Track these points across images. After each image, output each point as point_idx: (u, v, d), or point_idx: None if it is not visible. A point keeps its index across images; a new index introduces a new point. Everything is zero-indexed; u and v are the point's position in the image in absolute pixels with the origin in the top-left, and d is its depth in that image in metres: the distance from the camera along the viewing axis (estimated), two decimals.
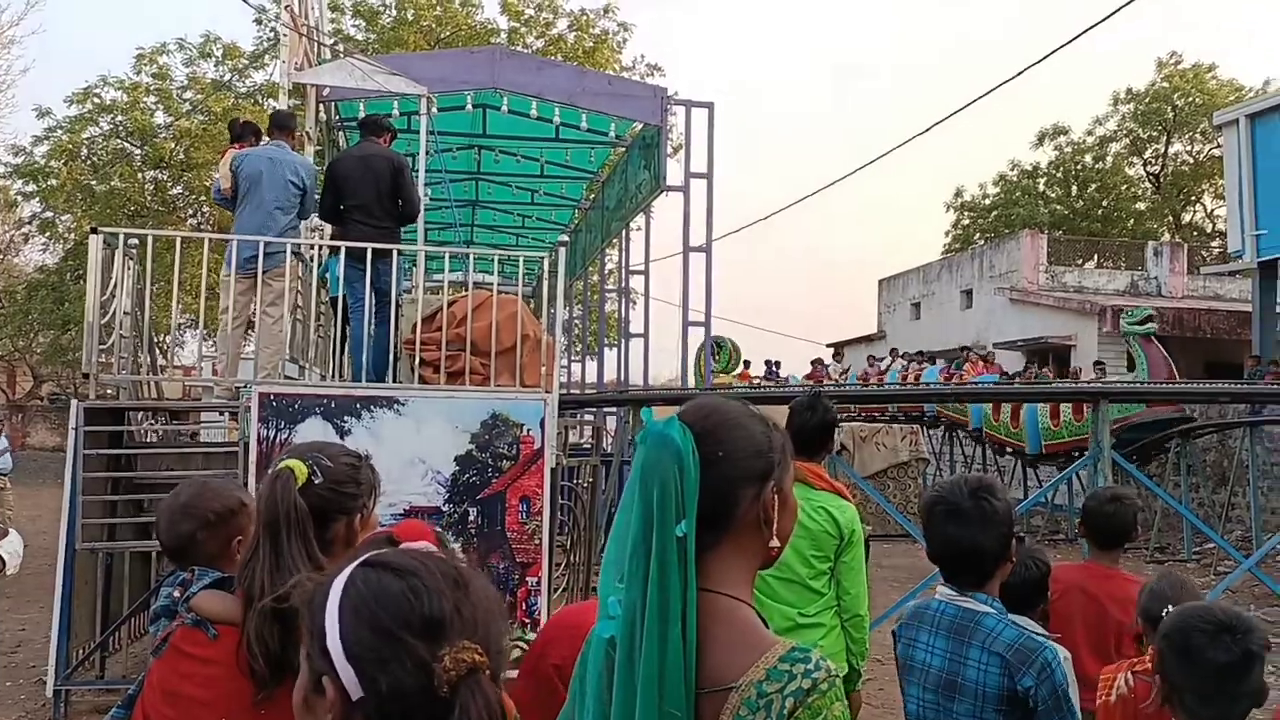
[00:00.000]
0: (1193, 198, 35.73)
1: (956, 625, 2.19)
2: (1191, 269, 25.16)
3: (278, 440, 5.91)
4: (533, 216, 14.85)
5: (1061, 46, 22.08)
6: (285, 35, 7.25)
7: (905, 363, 22.51)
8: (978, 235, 36.28)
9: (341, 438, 6.10)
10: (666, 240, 9.65)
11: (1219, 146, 23.21)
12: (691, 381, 22.40)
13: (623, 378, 12.14)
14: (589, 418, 13.99)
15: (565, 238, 6.93)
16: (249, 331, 7.13)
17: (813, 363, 24.65)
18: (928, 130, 18.94)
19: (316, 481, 1.85)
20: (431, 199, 11.14)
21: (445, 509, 6.27)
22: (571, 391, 16.49)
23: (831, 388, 10.27)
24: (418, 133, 7.81)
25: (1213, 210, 34.24)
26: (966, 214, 38.66)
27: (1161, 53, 42.77)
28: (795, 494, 3.59)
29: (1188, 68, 34.01)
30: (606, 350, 15.58)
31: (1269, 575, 11.61)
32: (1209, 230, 34.25)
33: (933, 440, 21.38)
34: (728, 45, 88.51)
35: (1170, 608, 2.51)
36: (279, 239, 6.18)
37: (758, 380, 21.28)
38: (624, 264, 12.79)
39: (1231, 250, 17.37)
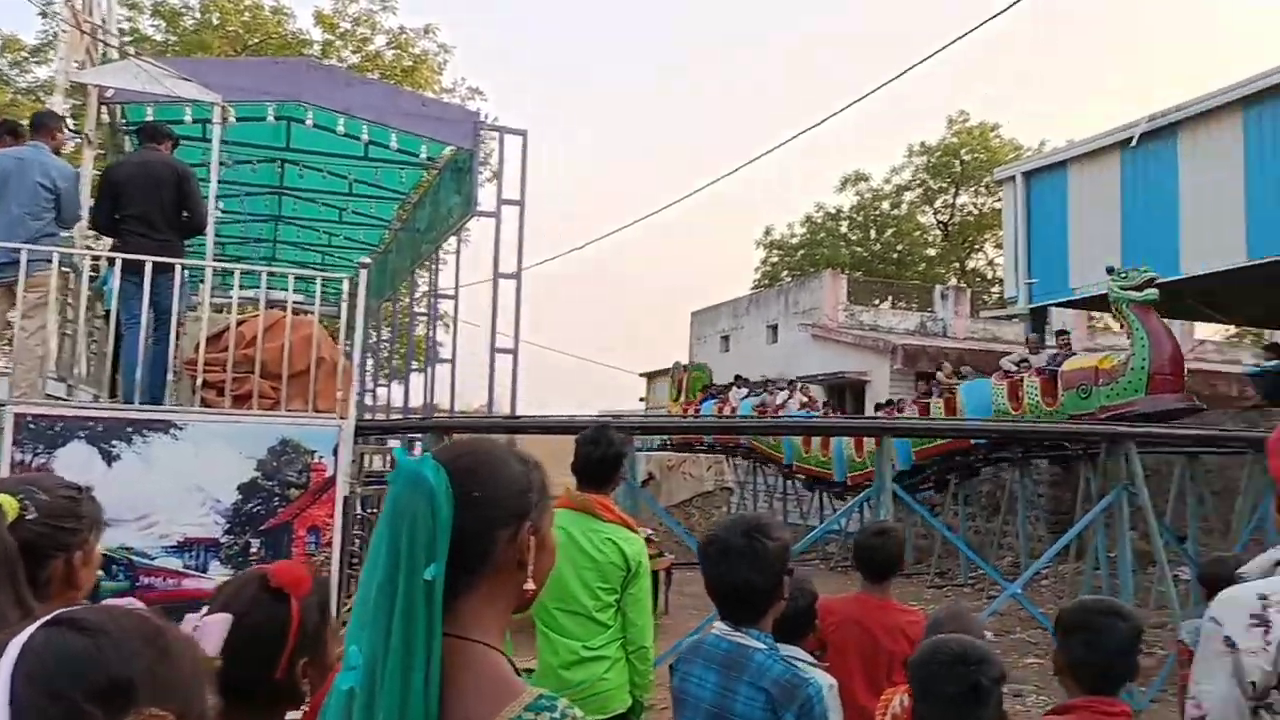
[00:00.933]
0: (976, 246, 38.51)
1: (728, 660, 2.21)
2: (974, 312, 27.04)
3: (34, 467, 5.42)
4: (340, 235, 14.36)
5: (859, 100, 23.36)
6: (65, 30, 6.73)
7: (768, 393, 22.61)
8: (785, 273, 37.81)
9: (109, 464, 5.67)
10: (484, 264, 9.57)
11: (999, 200, 25.14)
12: (668, 406, 22.68)
13: (429, 409, 11.85)
14: (394, 444, 13.61)
15: (368, 260, 6.72)
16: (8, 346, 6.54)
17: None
18: (735, 171, 19.61)
19: (29, 517, 1.68)
20: (223, 211, 10.64)
21: (224, 540, 5.91)
22: (374, 417, 16.01)
23: (633, 419, 10.30)
24: (211, 142, 7.41)
25: (993, 259, 36.98)
26: (775, 252, 40.26)
27: (952, 110, 46.03)
28: (581, 526, 3.56)
29: (974, 125, 36.74)
30: (414, 375, 15.21)
31: (1032, 599, 12.53)
32: (989, 277, 36.93)
33: (738, 470, 22.01)
34: (562, 72, 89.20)
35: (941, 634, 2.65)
36: (36, 246, 5.67)
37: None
38: (433, 288, 12.53)
39: (1008, 296, 18.75)
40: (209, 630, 1.53)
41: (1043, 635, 8.18)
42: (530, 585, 1.36)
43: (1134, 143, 15.12)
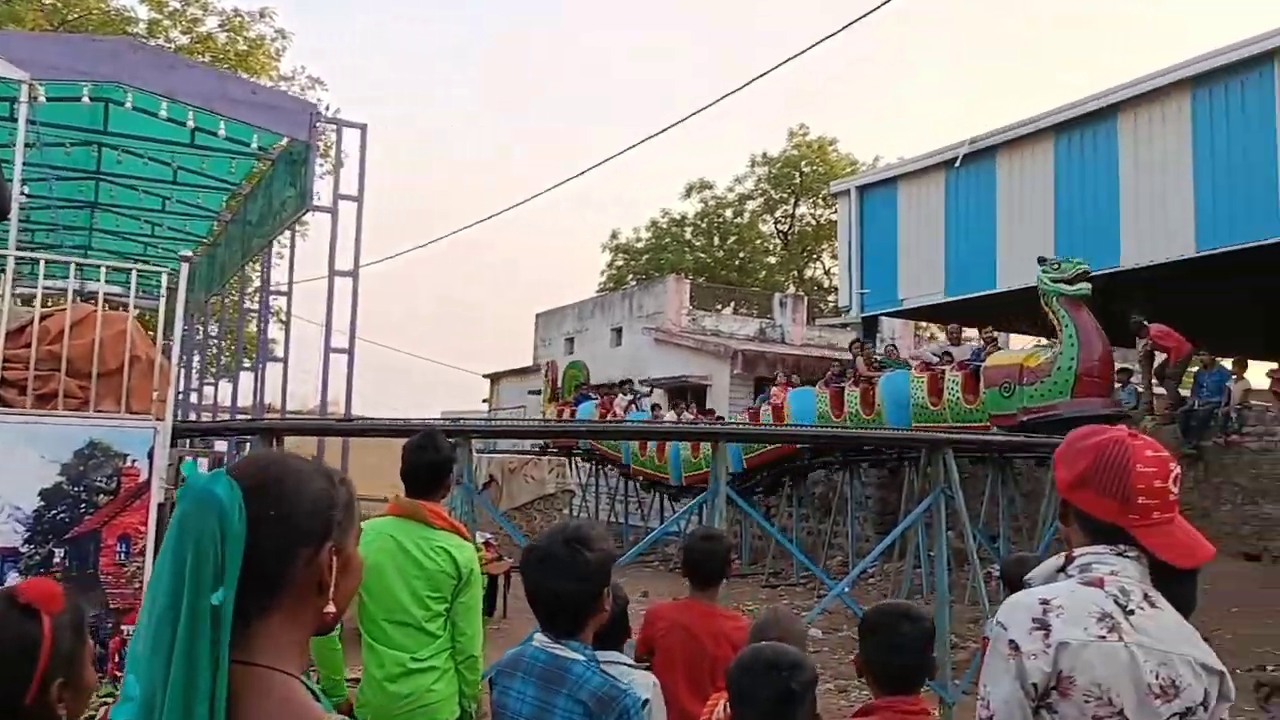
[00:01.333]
0: (814, 255, 39.87)
1: (547, 673, 2.20)
2: (810, 320, 27.99)
3: None
4: (164, 225, 13.63)
5: (701, 110, 23.84)
6: None
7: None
8: (631, 277, 38.16)
9: None
10: (323, 259, 9.20)
11: (836, 212, 26.12)
12: (545, 409, 21.12)
13: (259, 409, 11.37)
14: (221, 446, 12.99)
15: (189, 253, 6.38)
16: None
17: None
18: (582, 174, 19.67)
19: None
20: (29, 196, 9.91)
21: (25, 550, 5.52)
22: (200, 418, 15.26)
23: (471, 421, 10.11)
24: (17, 121, 6.89)
25: (830, 268, 38.36)
26: (622, 255, 40.57)
27: (793, 123, 47.49)
28: (411, 534, 3.47)
29: (814, 139, 38.04)
30: (245, 374, 14.56)
31: (859, 597, 13.05)
32: (826, 285, 38.30)
33: (581, 472, 22.08)
34: (416, 66, 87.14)
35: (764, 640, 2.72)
36: None
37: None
38: (265, 283, 12.03)
39: (841, 305, 19.50)
40: None
41: None
42: (331, 609, 1.30)
43: (957, 163, 15.98)
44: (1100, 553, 1.76)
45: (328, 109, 24.79)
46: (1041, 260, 11.34)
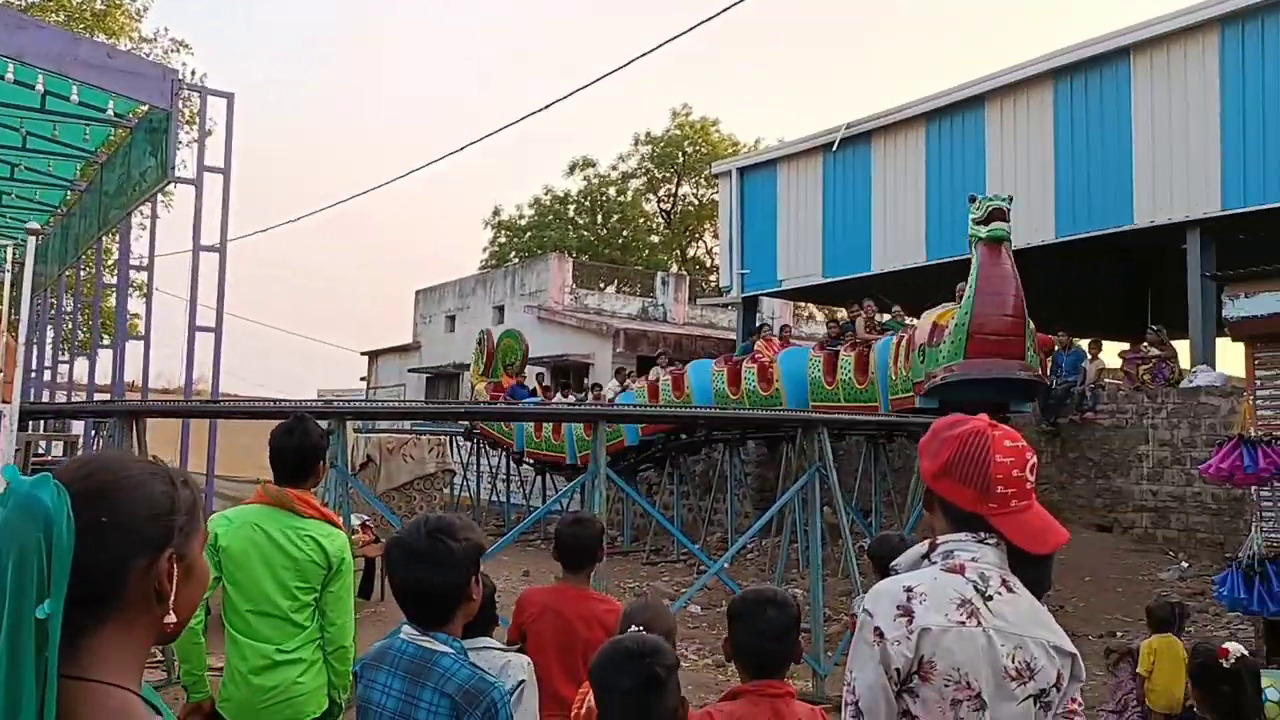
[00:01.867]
0: (697, 235, 40.22)
1: (414, 666, 2.15)
2: (692, 299, 28.25)
3: None
4: (12, 194, 12.82)
5: (583, 87, 23.71)
6: None
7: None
8: (513, 254, 37.78)
9: None
10: (185, 232, 8.73)
11: (717, 192, 26.40)
12: (475, 382, 19.62)
13: (119, 388, 10.81)
14: (77, 428, 12.33)
15: (36, 226, 6.00)
16: None
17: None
18: (462, 149, 19.35)
19: None
20: None
21: None
22: (56, 397, 14.49)
23: (353, 405, 9.77)
24: None
25: (712, 248, 38.77)
26: (504, 232, 40.12)
27: (676, 103, 47.71)
28: (278, 523, 3.35)
29: (696, 120, 38.29)
30: (103, 351, 13.85)
31: (738, 573, 13.30)
32: (708, 265, 38.72)
33: (462, 451, 21.80)
34: (290, 35, 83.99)
35: (632, 626, 2.73)
36: None
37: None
38: (124, 256, 11.42)
39: (723, 285, 19.74)
40: None
41: None
42: (171, 619, 1.23)
43: (835, 147, 16.32)
44: (962, 540, 1.81)
45: (193, 74, 23.81)
46: (971, 199, 10.07)
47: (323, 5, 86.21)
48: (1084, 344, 13.73)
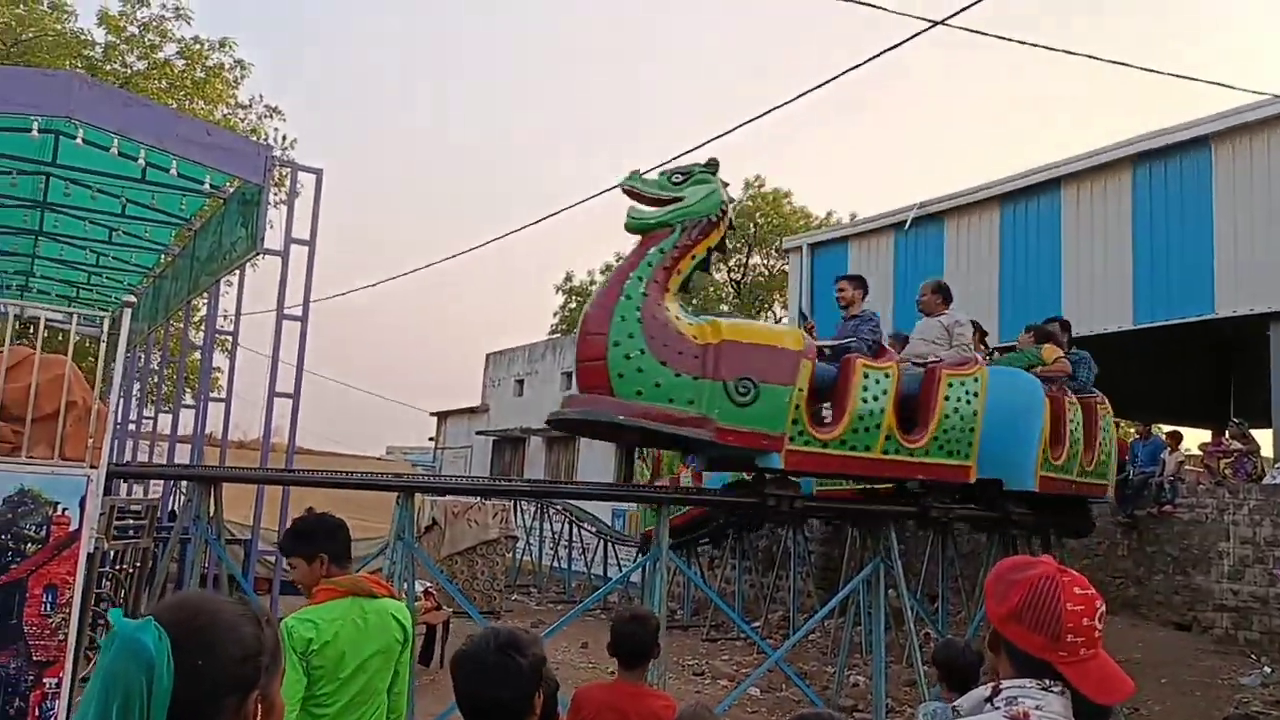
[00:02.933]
0: (766, 305, 40.26)
1: None
2: None
3: None
4: (110, 256, 13.41)
5: (661, 164, 24.09)
6: None
7: None
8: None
9: None
10: (268, 293, 9.15)
11: (787, 264, 26.47)
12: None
13: (198, 444, 11.14)
14: (157, 489, 12.70)
15: (132, 299, 6.28)
16: None
17: None
18: (537, 222, 19.75)
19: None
20: None
21: None
22: (138, 447, 14.95)
23: (420, 480, 9.73)
24: None
25: (781, 318, 38.75)
26: (575, 298, 40.62)
27: (749, 173, 48.10)
28: (359, 610, 3.38)
29: (769, 191, 38.58)
30: (184, 411, 14.29)
31: (800, 656, 13.06)
32: None
33: (525, 517, 21.91)
34: (371, 103, 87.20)
35: None
36: None
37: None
38: (211, 315, 11.82)
39: None
40: None
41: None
42: None
43: (907, 226, 16.32)
44: (1026, 686, 1.80)
45: (284, 140, 24.77)
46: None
47: (402, 73, 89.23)
48: (1163, 434, 13.39)
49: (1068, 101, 74.98)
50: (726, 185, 7.35)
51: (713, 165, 7.23)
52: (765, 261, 39.53)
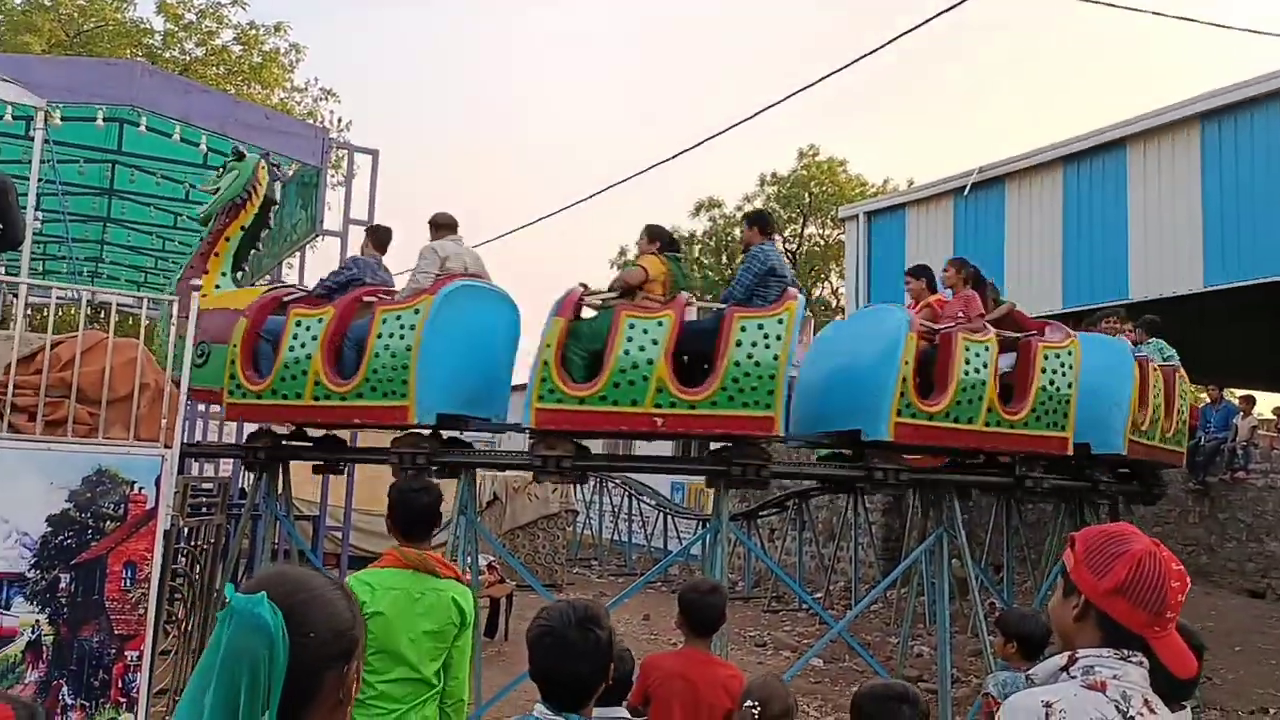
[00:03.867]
0: (822, 276, 39.86)
1: None
2: None
3: None
4: (175, 240, 13.70)
5: (712, 137, 23.95)
6: None
7: None
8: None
9: None
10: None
11: (844, 233, 26.18)
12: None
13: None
14: (227, 467, 13.01)
15: (199, 282, 6.42)
16: None
17: None
18: (591, 197, 19.76)
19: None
20: (44, 211, 9.98)
21: (31, 575, 5.54)
22: (207, 427, 15.32)
23: (482, 454, 9.72)
24: (33, 140, 6.96)
25: (838, 288, 38.36)
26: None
27: (803, 143, 47.59)
28: (420, 586, 3.41)
29: (823, 160, 38.10)
30: None
31: (862, 626, 13.02)
32: (834, 305, 38.29)
33: (585, 491, 22.08)
34: (424, 80, 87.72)
35: (749, 701, 2.77)
36: None
37: None
38: None
39: None
40: None
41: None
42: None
43: (966, 191, 16.01)
44: (1104, 656, 1.77)
45: (339, 122, 25.04)
46: None
47: (463, 49, 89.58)
48: (1236, 398, 13.04)
49: (1132, 59, 72.88)
50: (270, 168, 8.06)
51: (238, 154, 8.02)
52: (821, 231, 39.10)
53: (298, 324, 7.22)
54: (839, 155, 39.57)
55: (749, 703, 2.77)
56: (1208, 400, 13.15)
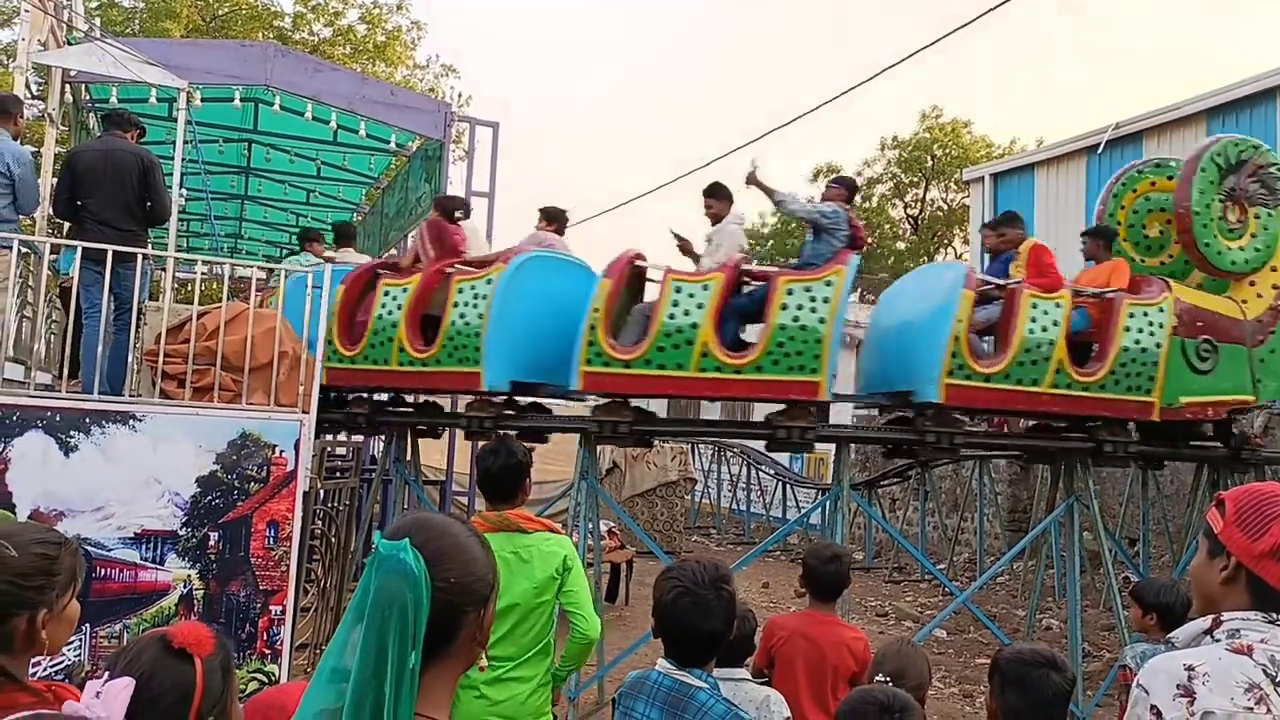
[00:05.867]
0: (946, 242, 38.79)
1: (672, 698, 2.26)
2: None
3: None
4: (307, 216, 14.25)
5: (834, 98, 23.48)
6: (27, 9, 6.60)
7: None
8: (757, 262, 37.85)
9: (66, 454, 5.62)
10: None
11: (969, 196, 25.35)
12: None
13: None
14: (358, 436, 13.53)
15: (332, 254, 6.66)
16: None
17: None
18: (706, 165, 19.64)
19: None
20: (188, 190, 10.52)
21: (183, 533, 5.89)
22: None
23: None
24: (176, 121, 7.33)
25: (961, 254, 37.27)
26: (748, 240, 40.28)
27: (925, 105, 46.21)
28: (510, 545, 3.45)
29: (946, 122, 36.94)
30: None
31: (987, 598, 12.73)
32: None
33: (703, 459, 22.15)
34: (546, 50, 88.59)
35: (881, 675, 2.75)
36: None
37: None
38: None
39: None
40: (112, 696, 1.52)
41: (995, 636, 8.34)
42: (484, 660, 1.41)
43: (1100, 149, 15.30)
44: (1251, 619, 1.70)
45: (460, 97, 25.53)
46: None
47: (579, 23, 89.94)
48: None
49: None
50: None
51: None
52: (944, 195, 38.02)
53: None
54: (963, 117, 38.29)
55: (881, 676, 2.75)
56: None
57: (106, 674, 1.57)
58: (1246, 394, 7.73)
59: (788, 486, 20.53)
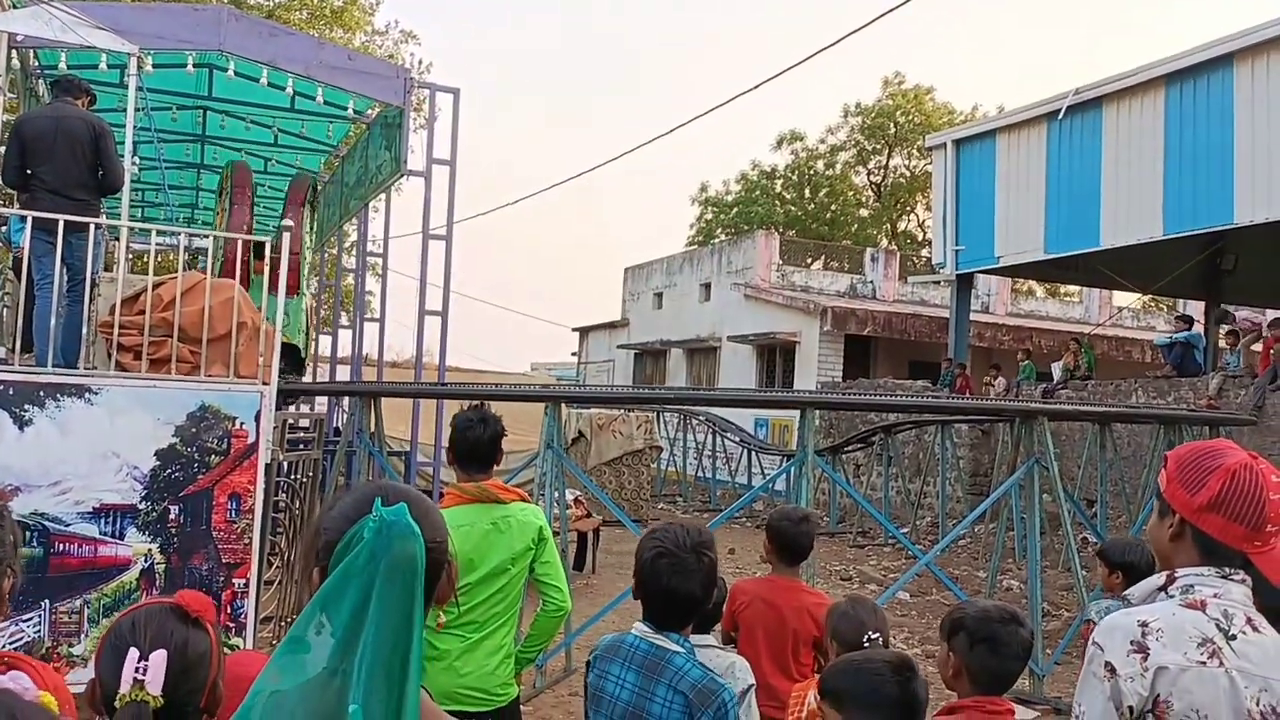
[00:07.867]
0: (908, 208, 38.98)
1: (648, 661, 2.27)
2: (903, 276, 27.42)
3: None
4: (265, 186, 13.99)
5: (797, 64, 23.42)
6: None
7: None
8: (719, 230, 37.86)
9: (20, 428, 5.53)
10: (414, 216, 9.42)
11: (931, 163, 25.47)
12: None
13: (356, 364, 11.71)
14: (321, 404, 13.43)
15: (289, 222, 6.55)
16: None
17: None
18: (671, 131, 19.56)
19: None
20: (141, 159, 10.30)
21: (142, 506, 5.82)
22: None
23: (568, 388, 9.90)
24: (128, 88, 7.15)
25: (924, 220, 37.49)
26: (710, 209, 40.25)
27: (888, 71, 46.23)
28: (488, 516, 3.44)
29: (909, 88, 37.00)
30: (342, 331, 14.99)
31: (950, 560, 12.93)
32: (920, 239, 37.48)
33: (668, 428, 22.21)
34: (503, 21, 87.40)
35: (868, 635, 2.80)
36: None
37: None
38: (361, 246, 12.30)
39: (936, 262, 19.05)
40: (154, 671, 1.56)
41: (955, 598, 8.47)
42: (442, 618, 1.47)
43: (1060, 115, 15.40)
44: (1204, 574, 1.73)
45: (419, 64, 25.16)
46: None
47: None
48: None
49: None
50: None
51: None
52: (906, 162, 38.15)
53: None
54: (925, 83, 38.35)
55: (872, 634, 2.80)
56: None
57: (133, 650, 1.58)
58: None
59: (753, 453, 20.67)
